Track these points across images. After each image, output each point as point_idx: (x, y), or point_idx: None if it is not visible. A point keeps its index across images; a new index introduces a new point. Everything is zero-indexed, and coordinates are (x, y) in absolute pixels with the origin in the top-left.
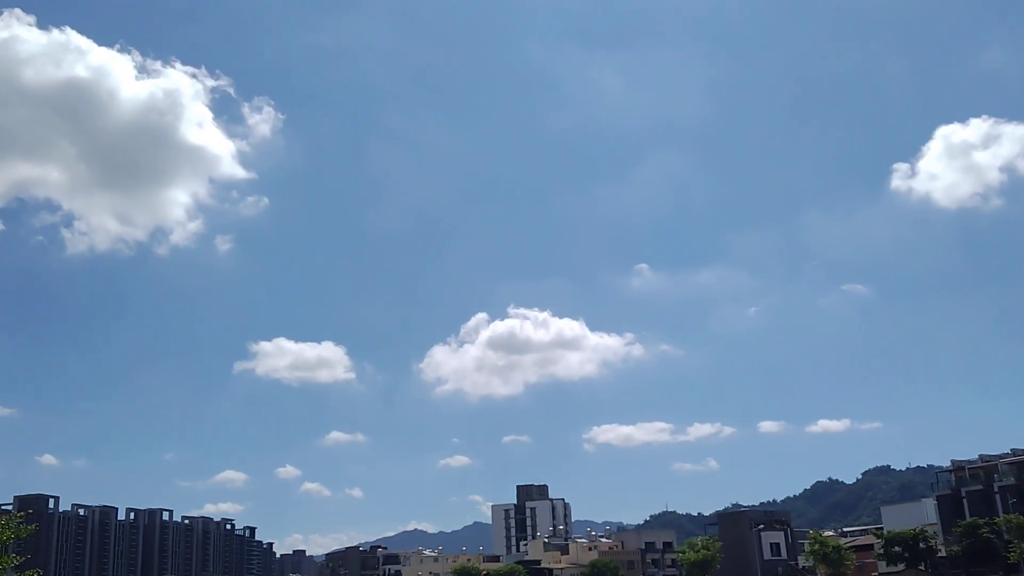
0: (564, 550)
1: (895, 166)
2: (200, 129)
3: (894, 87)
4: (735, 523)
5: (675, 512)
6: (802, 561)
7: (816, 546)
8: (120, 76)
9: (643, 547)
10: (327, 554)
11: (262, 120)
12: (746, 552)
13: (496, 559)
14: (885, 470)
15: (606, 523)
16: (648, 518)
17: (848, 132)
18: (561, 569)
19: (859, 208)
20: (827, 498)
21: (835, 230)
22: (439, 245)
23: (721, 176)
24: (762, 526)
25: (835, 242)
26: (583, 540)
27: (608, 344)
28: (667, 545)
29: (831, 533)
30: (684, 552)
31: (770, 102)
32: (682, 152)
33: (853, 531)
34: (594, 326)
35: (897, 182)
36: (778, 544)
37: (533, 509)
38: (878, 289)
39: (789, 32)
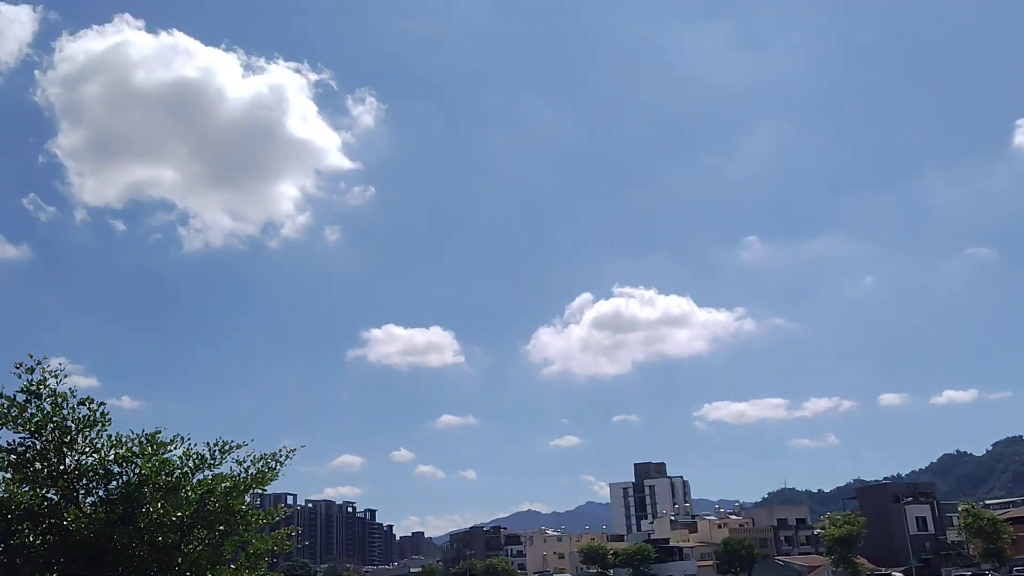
0: (692, 528)
1: (1018, 122)
2: (305, 123)
3: (1015, 38)
4: (876, 497)
5: (794, 489)
6: (951, 535)
7: (969, 519)
8: (227, 75)
9: (775, 524)
10: (451, 534)
11: (365, 111)
12: (889, 527)
13: (620, 538)
14: (1017, 440)
15: (721, 501)
16: (766, 495)
17: (966, 87)
18: (692, 547)
19: (980, 167)
20: (955, 471)
21: (955, 191)
22: (542, 226)
23: (832, 139)
24: (910, 499)
25: (956, 204)
26: (711, 517)
27: (717, 320)
28: (800, 522)
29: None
30: (825, 527)
31: (881, 59)
32: (790, 117)
33: (995, 503)
34: (702, 302)
35: (1020, 138)
36: (924, 518)
37: (652, 487)
38: (1004, 252)
39: None
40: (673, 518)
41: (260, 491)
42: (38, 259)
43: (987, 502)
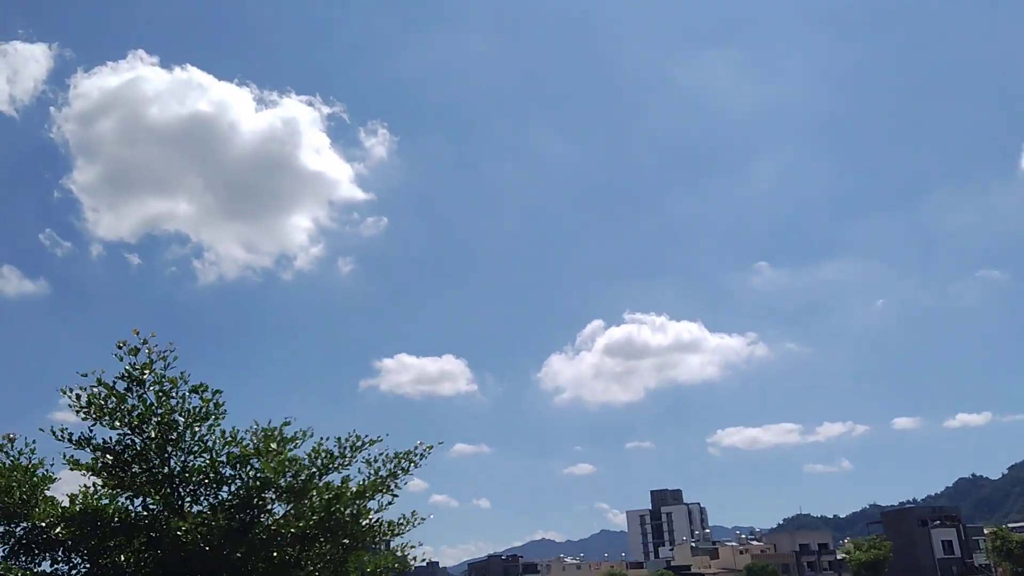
0: (713, 554)
1: None
2: (318, 155)
3: (1021, 60)
4: (901, 521)
5: (809, 515)
6: (979, 559)
7: (998, 542)
8: (240, 109)
9: (796, 549)
10: (468, 563)
11: (378, 142)
12: (915, 551)
13: (639, 566)
14: None
15: (736, 527)
16: (781, 521)
17: (974, 110)
18: (714, 574)
19: (989, 189)
20: (972, 495)
21: (965, 213)
22: (553, 254)
23: (841, 163)
24: (938, 522)
25: (966, 226)
26: (732, 543)
27: (730, 345)
28: (822, 547)
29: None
30: (851, 552)
31: (889, 82)
32: (799, 142)
33: (1016, 527)
34: (714, 327)
35: None
36: (951, 542)
37: (669, 514)
38: (1015, 273)
39: (906, 10)
40: (694, 544)
41: (391, 497)
42: (55, 293)
43: (1010, 525)
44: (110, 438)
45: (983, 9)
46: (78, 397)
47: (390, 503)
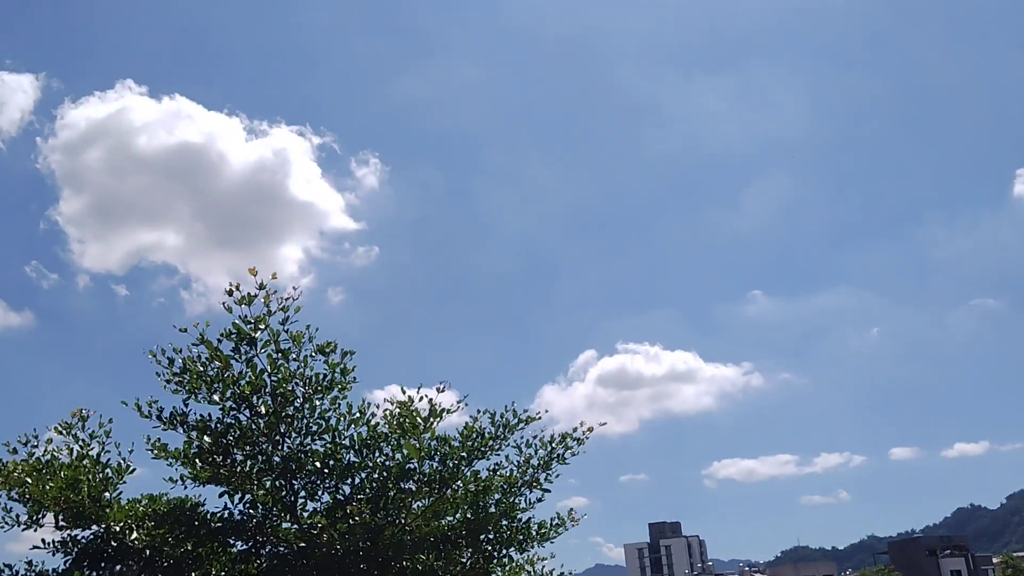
0: None
1: (1019, 171)
2: (309, 185)
3: (1011, 88)
4: (908, 551)
5: (807, 547)
6: None
7: (1009, 571)
8: (230, 139)
9: None
10: None
11: (369, 172)
12: None
13: None
14: None
15: (732, 560)
16: (779, 554)
17: (966, 138)
18: None
19: (982, 217)
20: (970, 525)
21: (960, 241)
22: (545, 284)
23: (834, 193)
24: (949, 551)
25: (959, 254)
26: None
27: (725, 375)
28: None
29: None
30: None
31: (881, 112)
32: (792, 171)
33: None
34: (709, 357)
35: (1020, 187)
36: (959, 571)
37: (668, 547)
38: (1010, 301)
39: (898, 39)
40: None
41: (542, 491)
42: (41, 326)
43: (1018, 554)
44: (208, 415)
45: (975, 38)
46: (171, 362)
47: (540, 499)
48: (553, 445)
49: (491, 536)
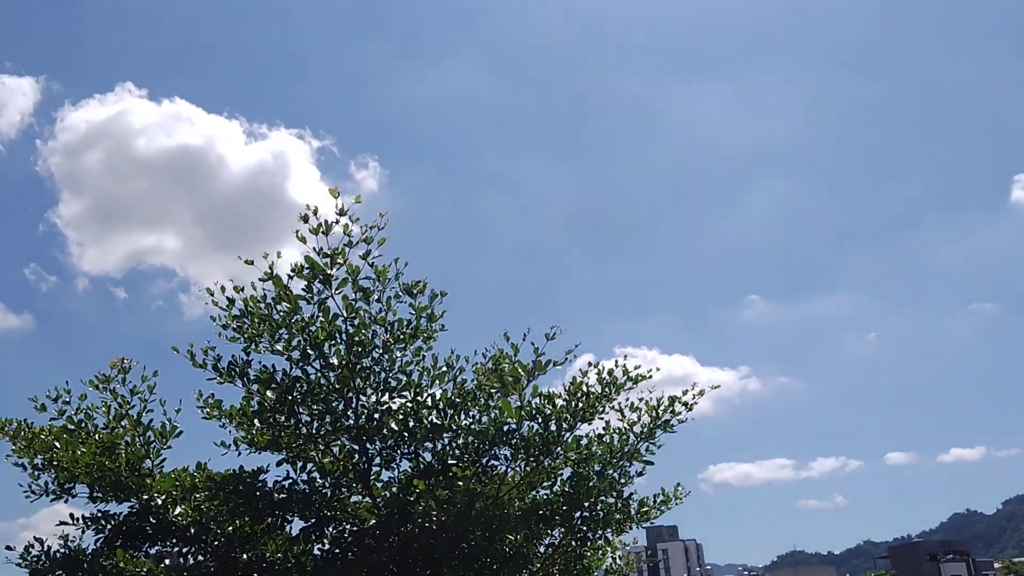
0: None
1: (1017, 177)
2: (308, 188)
3: (1010, 94)
4: (909, 556)
5: (803, 551)
6: None
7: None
8: (229, 142)
9: None
10: None
11: (368, 175)
12: None
13: None
14: None
15: (728, 565)
16: (775, 558)
17: (964, 143)
18: None
19: (980, 222)
20: (966, 530)
21: (956, 247)
22: (542, 287)
23: (832, 198)
24: (951, 556)
25: (957, 259)
26: None
27: (721, 379)
28: None
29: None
30: None
31: (879, 117)
32: (790, 175)
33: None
34: (705, 361)
35: (1019, 193)
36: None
37: (665, 551)
38: (1007, 306)
39: (897, 45)
40: None
41: (643, 464)
42: (40, 329)
43: (1015, 559)
44: (271, 366)
45: (973, 45)
46: (230, 302)
47: (641, 473)
48: (659, 411)
49: (586, 514)
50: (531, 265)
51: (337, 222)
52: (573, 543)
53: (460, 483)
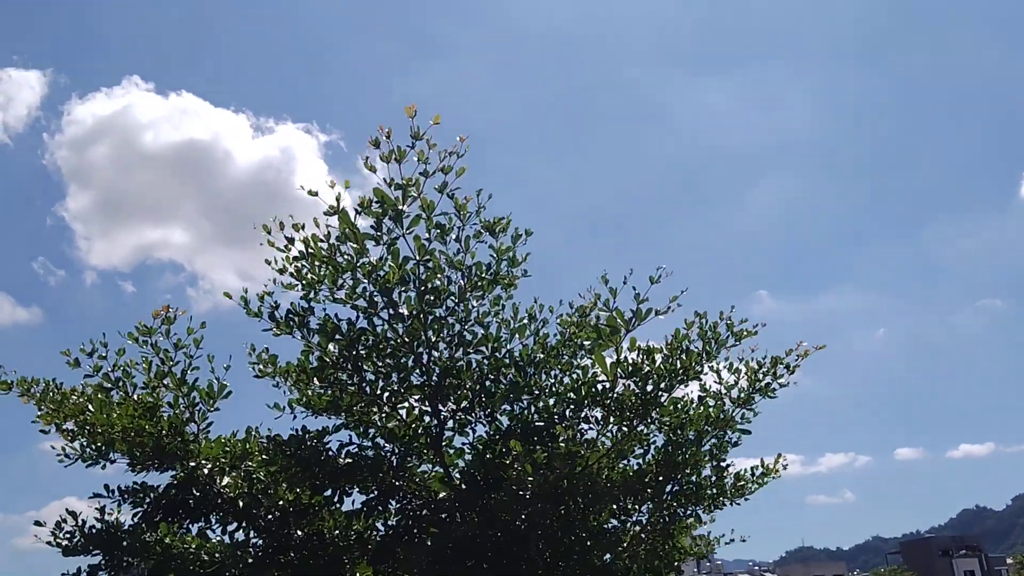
0: None
1: None
2: (315, 182)
3: (1018, 91)
4: (920, 551)
5: (812, 547)
6: None
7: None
8: (236, 136)
9: None
10: None
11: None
12: None
13: None
14: None
15: (738, 560)
16: (784, 554)
17: (972, 141)
18: None
19: (988, 219)
20: (976, 526)
21: (966, 243)
22: (548, 284)
23: (841, 193)
24: (964, 551)
25: (965, 255)
26: (745, 574)
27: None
28: None
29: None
30: None
31: (888, 114)
32: (799, 171)
33: None
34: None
35: None
36: (973, 572)
37: None
38: (1016, 303)
39: (906, 41)
40: None
41: (740, 432)
42: (48, 321)
43: None
44: (335, 315)
45: (982, 40)
46: (290, 241)
47: (737, 443)
48: (761, 373)
49: (677, 488)
50: (537, 260)
51: (413, 146)
52: (663, 520)
53: (563, 444)
